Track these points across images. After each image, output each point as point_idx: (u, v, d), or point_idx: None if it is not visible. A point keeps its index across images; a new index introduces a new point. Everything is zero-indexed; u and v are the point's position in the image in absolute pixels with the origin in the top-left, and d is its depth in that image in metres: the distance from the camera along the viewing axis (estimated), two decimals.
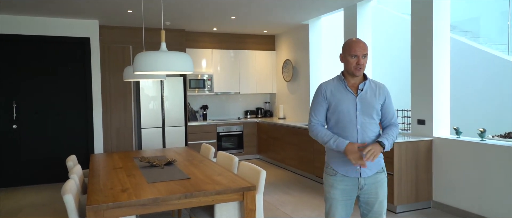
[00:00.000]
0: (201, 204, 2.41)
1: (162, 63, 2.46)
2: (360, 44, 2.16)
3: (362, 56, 2.14)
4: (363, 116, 2.17)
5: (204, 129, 6.69)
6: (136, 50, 6.09)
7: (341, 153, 2.17)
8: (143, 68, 2.48)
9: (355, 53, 2.14)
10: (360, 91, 2.19)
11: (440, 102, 4.05)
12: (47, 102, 5.56)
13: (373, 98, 2.19)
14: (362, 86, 2.20)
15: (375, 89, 2.22)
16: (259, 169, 2.78)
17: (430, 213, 3.91)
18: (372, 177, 2.20)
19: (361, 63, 2.14)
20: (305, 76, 6.45)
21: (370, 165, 2.17)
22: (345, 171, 2.20)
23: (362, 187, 2.20)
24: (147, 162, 3.24)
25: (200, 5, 4.88)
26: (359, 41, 2.18)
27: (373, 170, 2.20)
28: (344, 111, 2.18)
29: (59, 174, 5.41)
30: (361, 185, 2.20)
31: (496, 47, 5.69)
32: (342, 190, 2.21)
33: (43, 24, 5.42)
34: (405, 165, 3.89)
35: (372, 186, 2.21)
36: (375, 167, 2.21)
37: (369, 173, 2.19)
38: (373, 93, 2.20)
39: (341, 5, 5.15)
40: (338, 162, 2.22)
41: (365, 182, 2.20)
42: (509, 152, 3.31)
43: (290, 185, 5.18)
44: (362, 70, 2.17)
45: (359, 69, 2.15)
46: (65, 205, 2.25)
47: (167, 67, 2.47)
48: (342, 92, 2.21)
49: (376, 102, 2.19)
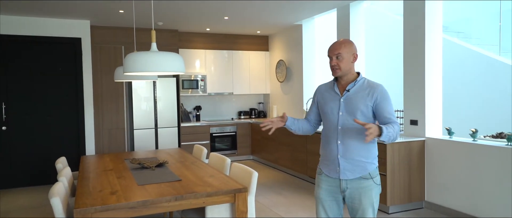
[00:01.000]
0: (192, 206, 2.38)
1: (152, 63, 2.43)
2: (333, 45, 2.16)
3: (335, 57, 2.13)
4: (346, 116, 2.13)
5: (197, 130, 6.65)
6: (128, 50, 6.04)
7: (325, 153, 2.24)
8: (133, 69, 2.45)
9: (329, 54, 2.17)
10: (347, 92, 2.16)
11: (432, 102, 4.06)
12: (37, 103, 5.48)
13: (360, 98, 2.12)
14: (350, 86, 2.16)
15: (367, 89, 2.14)
16: (251, 171, 2.76)
17: (423, 213, 3.91)
18: (355, 181, 2.13)
19: (333, 64, 2.13)
20: (299, 77, 6.44)
21: (351, 168, 2.12)
22: (327, 171, 2.21)
23: (344, 190, 2.15)
24: (138, 164, 3.21)
25: (193, 5, 4.85)
26: (334, 42, 2.17)
27: (356, 174, 2.12)
28: (328, 112, 2.22)
29: (49, 176, 5.33)
30: (343, 187, 2.15)
31: (488, 48, 5.72)
32: (325, 190, 2.22)
33: (34, 24, 5.35)
34: (398, 165, 3.89)
35: (355, 191, 2.13)
36: (358, 171, 2.12)
37: (349, 176, 2.13)
38: (362, 94, 2.13)
39: (334, 5, 5.14)
40: (323, 162, 2.26)
41: (348, 186, 2.14)
42: (500, 152, 3.32)
43: (283, 186, 5.16)
44: (338, 71, 2.13)
45: (334, 70, 2.15)
46: (53, 208, 2.21)
47: (157, 68, 2.44)
48: (330, 93, 2.24)
49: (362, 103, 2.11)
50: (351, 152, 2.13)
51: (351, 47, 2.14)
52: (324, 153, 2.24)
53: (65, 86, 5.62)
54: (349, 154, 2.13)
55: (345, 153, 2.13)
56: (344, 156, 2.13)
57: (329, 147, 2.19)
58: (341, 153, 2.14)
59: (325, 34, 6.44)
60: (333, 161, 2.17)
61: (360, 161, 2.13)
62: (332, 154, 2.18)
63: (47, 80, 5.53)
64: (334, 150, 2.16)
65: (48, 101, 5.54)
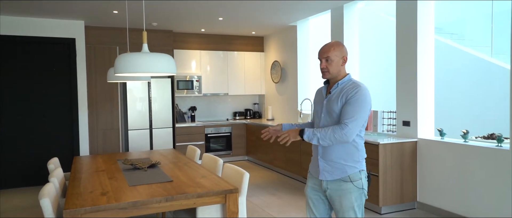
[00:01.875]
0: (183, 207, 2.39)
1: (143, 65, 2.43)
2: (323, 48, 2.18)
3: (325, 60, 2.14)
4: (326, 118, 2.17)
5: (192, 131, 6.66)
6: (123, 51, 6.04)
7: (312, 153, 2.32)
8: (124, 70, 2.45)
9: (319, 57, 2.19)
10: (329, 94, 2.20)
11: (424, 103, 4.09)
12: (31, 104, 5.47)
13: (336, 100, 2.11)
14: (333, 88, 2.17)
15: (343, 90, 2.10)
16: (243, 171, 2.77)
17: (415, 214, 3.94)
18: (334, 183, 2.13)
19: (322, 66, 2.16)
20: (293, 77, 6.46)
21: (330, 169, 2.14)
22: (313, 171, 2.30)
23: (325, 189, 2.19)
24: (130, 164, 3.21)
25: (187, 5, 4.86)
26: (324, 45, 2.19)
27: (334, 176, 2.13)
28: (315, 113, 2.32)
29: (43, 177, 5.30)
30: (324, 187, 2.19)
31: (480, 49, 5.76)
32: (311, 188, 2.30)
33: (27, 24, 5.34)
34: (390, 166, 3.91)
35: (335, 192, 2.13)
36: (336, 174, 2.12)
37: (328, 177, 2.15)
38: (338, 95, 2.11)
39: (328, 6, 5.16)
40: (311, 161, 2.35)
41: (328, 186, 2.16)
42: (491, 153, 3.34)
43: (277, 186, 5.17)
44: (327, 73, 2.15)
45: (323, 72, 2.17)
46: (42, 209, 2.21)
47: (148, 69, 2.45)
48: (319, 95, 2.32)
49: (335, 104, 2.10)
50: (330, 154, 2.14)
51: (341, 50, 2.15)
52: (312, 153, 2.33)
53: (59, 87, 5.61)
54: (327, 156, 2.16)
55: (324, 155, 2.18)
56: (323, 157, 2.18)
57: (314, 147, 2.28)
58: (321, 154, 2.19)
59: (320, 35, 6.46)
60: (315, 161, 2.26)
61: (339, 164, 2.12)
62: (314, 154, 2.28)
63: (41, 81, 5.51)
64: (315, 150, 2.25)
65: (42, 101, 5.52)
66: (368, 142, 3.89)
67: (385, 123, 4.69)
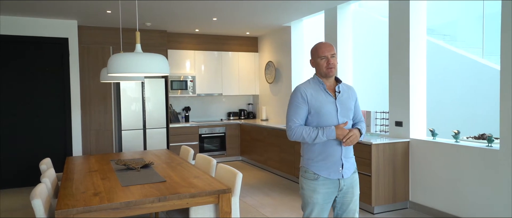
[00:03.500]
0: (175, 207, 2.39)
1: (136, 65, 2.43)
2: (326, 45, 2.24)
3: (331, 56, 2.20)
4: (343, 118, 2.23)
5: (186, 131, 6.65)
6: (116, 51, 6.01)
7: (323, 156, 2.19)
8: (117, 70, 2.45)
9: (324, 54, 2.20)
10: (338, 93, 2.25)
11: (417, 104, 4.12)
12: (23, 104, 5.42)
13: (348, 99, 2.28)
14: (338, 88, 2.27)
15: (348, 91, 2.31)
16: (236, 171, 2.77)
17: (407, 213, 3.97)
18: (350, 177, 2.28)
19: (332, 62, 2.20)
20: (287, 78, 6.48)
21: (349, 166, 2.27)
22: (327, 173, 2.20)
23: (342, 188, 2.25)
24: (123, 165, 3.20)
25: (180, 5, 4.85)
26: (325, 43, 2.26)
27: (351, 171, 2.28)
28: (326, 114, 2.19)
29: (35, 178, 5.27)
30: (341, 186, 2.24)
31: (472, 50, 5.82)
32: (324, 194, 2.22)
33: (20, 24, 5.30)
34: (382, 166, 3.94)
35: (350, 185, 2.28)
36: (352, 168, 2.29)
37: (348, 173, 2.26)
38: (347, 95, 2.29)
39: (322, 7, 5.19)
40: (321, 165, 2.21)
41: (345, 183, 2.25)
42: (481, 153, 3.39)
43: (271, 186, 5.19)
44: (334, 70, 2.23)
45: (331, 69, 2.21)
46: (34, 210, 2.20)
47: (141, 69, 2.44)
48: (322, 95, 2.22)
49: (350, 103, 2.29)
50: (349, 151, 2.29)
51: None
52: (323, 156, 2.21)
53: (52, 87, 5.57)
54: (348, 154, 2.28)
55: (346, 153, 2.26)
56: (346, 156, 2.25)
57: (329, 150, 2.20)
58: (344, 153, 2.24)
59: (314, 36, 6.49)
60: (335, 163, 2.21)
61: (352, 159, 2.32)
62: (335, 155, 2.20)
63: (34, 80, 5.47)
64: (338, 151, 2.21)
65: (34, 101, 5.48)
66: (361, 142, 3.92)
67: (378, 123, 4.73)
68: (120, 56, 2.43)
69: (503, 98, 3.17)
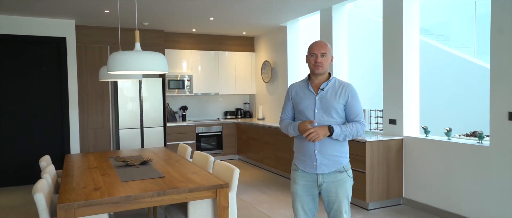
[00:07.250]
0: (174, 201, 2.45)
1: (135, 62, 2.49)
2: (318, 43, 2.29)
3: (320, 55, 2.25)
4: (321, 114, 2.26)
5: (183, 130, 6.70)
6: (114, 50, 6.05)
7: (301, 150, 2.33)
8: (117, 68, 2.50)
9: (314, 52, 2.26)
10: (321, 90, 2.29)
11: (410, 102, 4.21)
12: (21, 103, 5.45)
13: (333, 97, 2.25)
14: (324, 85, 2.29)
15: (338, 89, 2.28)
16: (233, 168, 2.84)
17: (401, 209, 4.05)
18: (330, 175, 2.26)
19: (319, 61, 2.24)
20: (283, 77, 6.55)
21: (327, 162, 2.25)
22: (303, 166, 2.32)
23: (321, 184, 2.28)
24: (122, 161, 3.25)
25: (178, 5, 4.91)
26: (319, 41, 2.32)
27: (331, 168, 2.26)
28: (303, 110, 2.31)
29: (34, 176, 5.30)
30: (320, 182, 2.28)
31: (465, 50, 5.93)
32: (302, 186, 2.33)
33: (17, 23, 5.33)
34: (377, 163, 4.02)
35: (332, 184, 2.26)
36: (333, 165, 2.26)
37: (325, 170, 2.25)
38: (334, 93, 2.26)
39: (317, 7, 5.27)
40: (299, 158, 2.36)
41: (324, 180, 2.27)
42: (472, 150, 3.47)
43: (268, 184, 5.25)
44: (320, 68, 2.25)
45: (317, 66, 2.25)
46: (36, 204, 2.25)
47: (140, 67, 2.50)
48: (304, 92, 2.34)
49: (336, 101, 2.25)
50: (327, 147, 2.25)
51: (330, 50, 2.33)
52: (300, 150, 2.35)
53: (49, 86, 5.60)
54: (325, 150, 2.25)
55: (321, 149, 2.25)
56: (321, 151, 2.25)
57: (305, 144, 2.29)
58: (318, 148, 2.25)
59: (309, 35, 6.56)
60: (310, 157, 2.28)
61: (335, 156, 2.27)
62: (309, 150, 2.29)
63: (32, 80, 5.50)
64: (311, 146, 2.27)
65: (32, 100, 5.51)
66: (355, 140, 3.99)
67: (372, 121, 4.81)
68: (121, 54, 2.48)
69: (493, 96, 3.26)
